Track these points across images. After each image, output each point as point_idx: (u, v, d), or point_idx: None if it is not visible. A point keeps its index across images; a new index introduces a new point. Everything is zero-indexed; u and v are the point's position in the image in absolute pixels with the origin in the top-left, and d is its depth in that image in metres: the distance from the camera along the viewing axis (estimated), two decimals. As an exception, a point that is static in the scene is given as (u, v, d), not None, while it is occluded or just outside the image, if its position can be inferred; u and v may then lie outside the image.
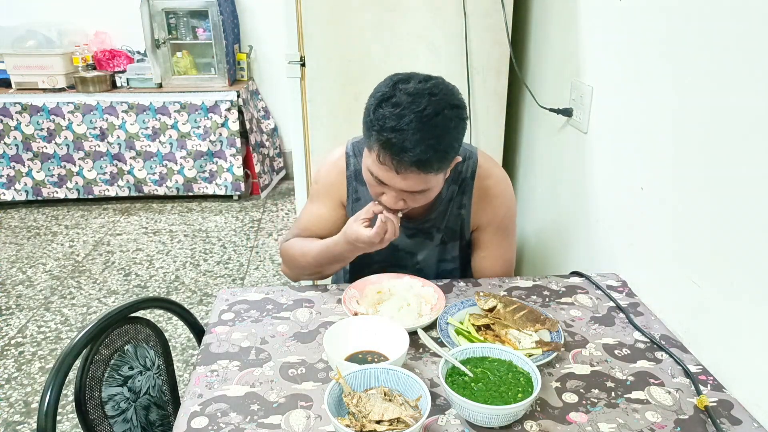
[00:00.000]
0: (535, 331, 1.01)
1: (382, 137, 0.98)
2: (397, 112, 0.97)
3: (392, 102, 0.99)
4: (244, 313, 1.11)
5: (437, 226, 1.27)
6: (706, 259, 0.98)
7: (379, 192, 1.08)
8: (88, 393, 0.98)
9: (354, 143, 1.28)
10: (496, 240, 1.29)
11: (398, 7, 1.66)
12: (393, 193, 1.05)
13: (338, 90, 1.74)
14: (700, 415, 0.85)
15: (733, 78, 0.90)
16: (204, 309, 2.56)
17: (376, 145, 1.01)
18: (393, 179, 1.02)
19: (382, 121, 0.98)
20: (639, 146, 1.20)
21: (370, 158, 1.04)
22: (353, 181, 1.26)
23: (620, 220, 1.29)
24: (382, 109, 0.99)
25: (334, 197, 1.28)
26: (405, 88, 1.00)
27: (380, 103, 1.00)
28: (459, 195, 1.25)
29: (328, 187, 1.28)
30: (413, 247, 1.29)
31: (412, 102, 0.98)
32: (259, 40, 3.94)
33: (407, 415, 0.76)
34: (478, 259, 1.31)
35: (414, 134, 0.96)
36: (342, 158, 1.27)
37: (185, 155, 3.64)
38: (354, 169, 1.26)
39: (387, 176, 1.02)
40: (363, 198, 1.26)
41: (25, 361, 2.20)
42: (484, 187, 1.25)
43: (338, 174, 1.27)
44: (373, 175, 1.05)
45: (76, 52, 3.57)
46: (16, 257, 3.05)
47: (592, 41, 1.43)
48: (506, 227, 1.30)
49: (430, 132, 0.97)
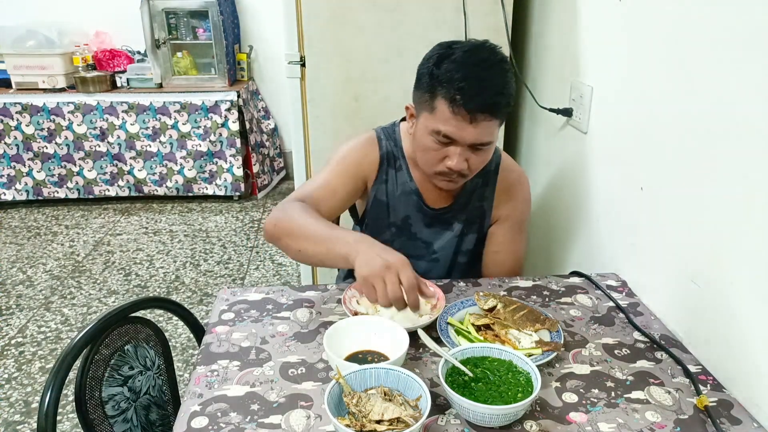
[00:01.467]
0: (535, 331, 1.01)
1: (453, 87, 1.02)
2: (463, 62, 1.03)
3: (452, 58, 1.05)
4: (244, 313, 1.11)
5: (458, 216, 1.29)
6: (706, 259, 0.98)
7: (441, 156, 1.10)
8: (89, 393, 0.98)
9: (383, 129, 1.29)
10: (510, 235, 1.32)
11: (398, 7, 1.66)
12: (459, 150, 1.08)
13: (338, 90, 1.74)
14: (700, 415, 0.85)
15: (733, 78, 0.90)
16: (204, 309, 2.56)
17: (444, 100, 1.04)
18: (465, 130, 1.05)
19: (450, 73, 1.03)
20: (639, 146, 1.20)
21: (436, 118, 1.07)
22: (384, 162, 1.26)
23: (620, 220, 1.29)
24: (446, 65, 1.05)
25: (358, 173, 1.24)
26: (460, 46, 1.07)
27: (440, 61, 1.06)
28: (482, 187, 1.28)
29: (357, 161, 1.24)
30: (431, 236, 1.30)
31: (473, 54, 1.05)
32: (259, 40, 3.94)
33: (407, 415, 0.76)
34: (491, 254, 1.33)
35: (483, 80, 1.02)
36: (374, 138, 1.27)
37: (185, 155, 3.64)
38: (386, 151, 1.25)
39: (458, 128, 1.05)
40: (390, 182, 1.26)
41: (26, 361, 2.21)
42: (506, 180, 1.29)
43: (371, 150, 1.25)
44: (441, 133, 1.07)
45: (76, 52, 3.58)
46: (16, 257, 3.05)
47: (592, 41, 1.43)
48: (521, 224, 1.33)
49: (496, 77, 1.04)
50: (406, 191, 1.27)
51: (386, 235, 1.30)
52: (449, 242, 1.31)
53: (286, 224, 1.07)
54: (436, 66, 1.06)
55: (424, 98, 1.09)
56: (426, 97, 1.08)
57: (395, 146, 1.26)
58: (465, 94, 1.02)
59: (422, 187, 1.27)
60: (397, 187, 1.27)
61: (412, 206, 1.28)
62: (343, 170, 1.23)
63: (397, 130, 1.28)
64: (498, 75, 1.04)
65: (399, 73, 1.72)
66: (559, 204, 1.66)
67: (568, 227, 1.59)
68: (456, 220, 1.30)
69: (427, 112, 1.09)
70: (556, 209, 1.68)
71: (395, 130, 1.28)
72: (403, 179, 1.26)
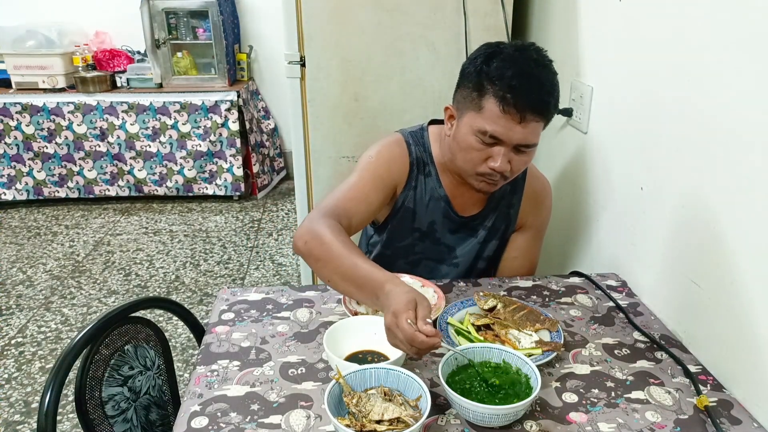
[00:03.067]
0: (535, 331, 1.01)
1: (504, 85, 1.00)
2: (513, 60, 1.02)
3: (501, 57, 1.03)
4: (244, 313, 1.11)
5: (484, 223, 1.28)
6: (706, 259, 0.98)
7: (484, 157, 1.07)
8: (89, 393, 0.98)
9: (410, 132, 1.24)
10: (530, 242, 1.32)
11: (398, 7, 1.66)
12: (504, 150, 1.05)
13: (338, 90, 1.74)
14: (700, 415, 0.85)
15: (733, 77, 0.90)
16: (204, 309, 2.56)
17: (494, 98, 1.02)
18: (513, 129, 1.03)
19: (500, 71, 1.01)
20: (639, 146, 1.20)
21: (483, 117, 1.04)
22: (414, 168, 1.22)
23: (620, 220, 1.29)
24: (495, 62, 1.03)
25: (388, 179, 1.19)
26: (508, 45, 1.06)
27: (488, 59, 1.04)
28: (510, 194, 1.27)
29: (389, 165, 1.19)
30: (455, 241, 1.29)
31: (522, 54, 1.04)
32: (259, 40, 3.94)
33: (407, 415, 0.76)
34: (509, 260, 1.32)
35: (533, 79, 1.01)
36: (402, 143, 1.22)
37: (185, 155, 3.64)
38: (416, 157, 1.21)
39: (507, 127, 1.03)
40: (419, 188, 1.22)
41: (26, 361, 2.21)
42: (533, 188, 1.28)
43: (401, 155, 1.20)
44: (488, 133, 1.04)
45: (76, 52, 3.57)
46: (16, 257, 3.05)
47: (592, 41, 1.43)
48: (541, 231, 1.34)
49: (545, 77, 1.03)
50: (435, 198, 1.23)
51: (409, 239, 1.27)
52: (472, 248, 1.29)
53: (316, 248, 1.01)
54: (486, 64, 1.03)
55: (470, 97, 1.06)
56: (473, 95, 1.05)
57: (424, 152, 1.22)
58: (516, 92, 1.00)
59: (451, 194, 1.23)
60: (426, 194, 1.23)
61: (439, 213, 1.25)
62: (375, 177, 1.17)
63: (426, 135, 1.24)
64: (548, 75, 1.04)
65: (399, 73, 1.72)
66: (559, 204, 1.66)
67: (568, 227, 1.59)
68: (481, 227, 1.28)
69: (474, 111, 1.05)
70: (556, 209, 1.68)
71: (424, 134, 1.24)
72: (432, 185, 1.23)
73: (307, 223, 1.04)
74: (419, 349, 0.82)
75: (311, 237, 1.01)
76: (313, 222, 1.04)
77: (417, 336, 0.81)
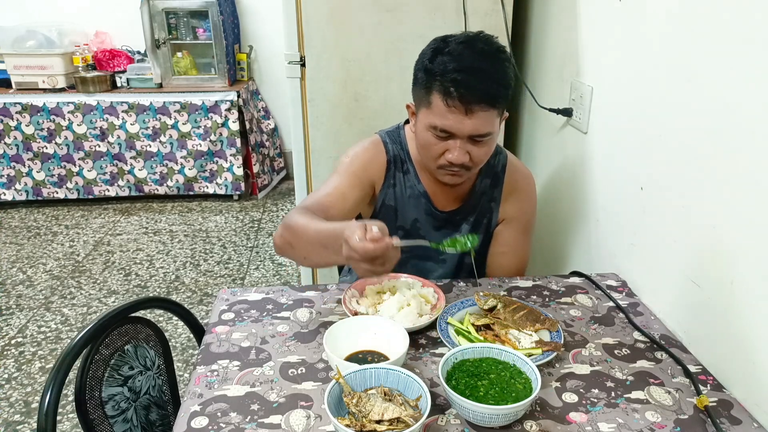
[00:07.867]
0: (535, 331, 1.01)
1: (447, 79, 1.02)
2: (457, 55, 1.03)
3: (447, 51, 1.04)
4: (244, 313, 1.11)
5: (467, 218, 1.29)
6: (706, 259, 0.98)
7: (441, 150, 1.10)
8: (88, 393, 0.98)
9: (387, 132, 1.28)
10: (516, 236, 1.32)
11: (398, 7, 1.66)
12: (459, 143, 1.07)
13: (338, 90, 1.74)
14: (700, 415, 0.85)
15: (733, 77, 0.90)
16: (204, 309, 2.56)
17: (439, 93, 1.04)
18: (461, 122, 1.04)
19: (444, 66, 1.03)
20: (639, 146, 1.20)
21: (433, 112, 1.06)
22: (392, 167, 1.25)
23: (620, 220, 1.29)
24: (441, 57, 1.04)
25: (365, 177, 1.22)
26: (455, 38, 1.06)
27: (435, 55, 1.05)
28: (491, 188, 1.29)
29: (364, 164, 1.23)
30: (439, 238, 1.29)
31: (468, 46, 1.04)
32: (259, 40, 3.94)
33: (407, 415, 0.76)
34: (497, 255, 1.33)
35: (477, 71, 1.02)
36: (379, 143, 1.26)
37: (185, 155, 3.64)
38: (393, 155, 1.25)
39: (455, 121, 1.04)
40: (398, 186, 1.25)
41: (25, 361, 2.21)
42: (514, 181, 1.29)
43: (378, 154, 1.24)
44: (438, 128, 1.06)
45: (76, 52, 3.57)
46: (16, 257, 3.05)
47: (592, 41, 1.43)
48: (527, 225, 1.34)
49: (491, 67, 1.04)
50: (414, 194, 1.26)
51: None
52: None
53: (288, 236, 1.06)
54: (430, 61, 1.06)
55: (420, 94, 1.09)
56: (422, 92, 1.08)
57: (401, 149, 1.25)
58: (458, 85, 1.01)
59: (431, 190, 1.26)
60: (406, 191, 1.26)
61: (421, 209, 1.27)
62: (351, 175, 1.21)
63: (402, 133, 1.28)
64: (492, 64, 1.04)
65: (399, 73, 1.72)
66: (559, 204, 1.66)
67: (568, 227, 1.59)
68: (465, 222, 1.29)
69: (425, 107, 1.09)
70: (556, 209, 1.68)
71: (400, 133, 1.28)
72: (411, 182, 1.25)
73: (282, 222, 1.10)
74: (374, 257, 0.85)
75: (284, 230, 1.07)
76: (287, 219, 1.08)
77: (366, 246, 0.83)
